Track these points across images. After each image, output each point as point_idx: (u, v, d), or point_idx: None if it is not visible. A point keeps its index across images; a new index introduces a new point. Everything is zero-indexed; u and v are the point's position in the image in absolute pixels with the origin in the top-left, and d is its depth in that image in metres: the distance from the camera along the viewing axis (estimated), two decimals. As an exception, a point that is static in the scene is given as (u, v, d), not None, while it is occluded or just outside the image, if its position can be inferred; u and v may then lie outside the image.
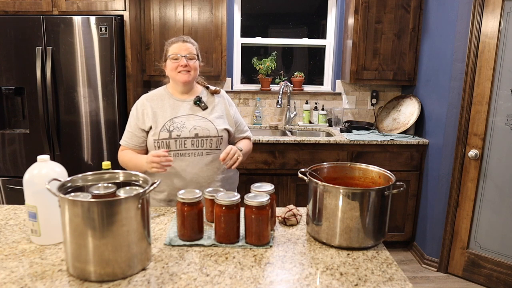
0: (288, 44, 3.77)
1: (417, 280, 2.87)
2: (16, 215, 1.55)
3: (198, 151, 1.77)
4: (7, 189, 2.93)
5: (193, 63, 1.79)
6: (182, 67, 1.76)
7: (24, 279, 1.10)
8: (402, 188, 1.36)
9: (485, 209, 2.73)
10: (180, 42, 1.79)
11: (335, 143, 3.03)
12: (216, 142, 1.79)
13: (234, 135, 1.93)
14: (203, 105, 1.84)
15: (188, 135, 1.76)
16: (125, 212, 1.09)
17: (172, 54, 1.78)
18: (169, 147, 1.75)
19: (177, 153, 1.76)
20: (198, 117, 1.81)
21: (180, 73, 1.78)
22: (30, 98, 2.81)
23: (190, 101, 1.85)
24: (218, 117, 1.84)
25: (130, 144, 1.83)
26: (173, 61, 1.78)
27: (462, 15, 2.68)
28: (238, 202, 1.31)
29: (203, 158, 1.78)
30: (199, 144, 1.77)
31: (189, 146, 1.76)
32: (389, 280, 1.15)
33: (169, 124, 1.77)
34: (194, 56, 1.80)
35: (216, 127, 1.80)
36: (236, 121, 1.92)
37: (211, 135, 1.78)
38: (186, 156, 1.76)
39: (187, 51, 1.78)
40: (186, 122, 1.78)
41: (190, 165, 1.76)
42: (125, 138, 1.84)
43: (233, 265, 1.20)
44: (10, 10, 2.81)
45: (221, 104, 1.90)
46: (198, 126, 1.77)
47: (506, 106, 2.57)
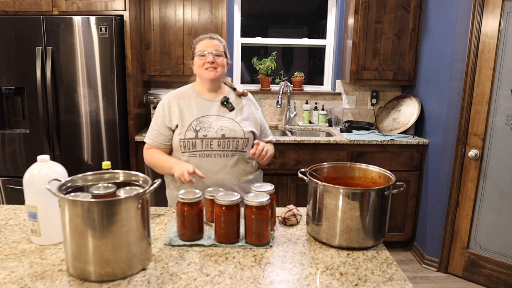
0: (288, 44, 3.77)
1: (417, 280, 2.87)
2: (16, 215, 1.55)
3: (224, 152, 1.75)
4: (7, 189, 2.93)
5: (220, 60, 1.76)
6: (208, 63, 1.74)
7: (24, 279, 1.10)
8: (402, 188, 1.36)
9: (485, 209, 2.73)
10: (207, 39, 1.77)
11: (335, 143, 3.03)
12: (242, 144, 1.77)
13: (258, 138, 1.90)
14: (230, 106, 1.81)
15: (214, 135, 1.73)
16: (125, 212, 1.09)
17: (199, 51, 1.75)
18: (195, 147, 1.73)
19: (203, 154, 1.74)
20: (225, 118, 1.78)
21: (207, 70, 1.75)
22: (30, 98, 2.81)
23: (217, 101, 1.81)
24: (244, 119, 1.82)
25: (155, 143, 1.80)
26: (200, 57, 1.75)
27: (462, 15, 2.68)
28: (238, 202, 1.31)
29: (229, 159, 1.75)
30: (225, 145, 1.74)
31: (215, 147, 1.73)
32: (389, 280, 1.15)
33: (196, 124, 1.74)
34: (221, 53, 1.77)
35: (243, 129, 1.77)
36: (261, 125, 1.90)
37: (238, 137, 1.76)
38: (212, 157, 1.74)
39: (214, 48, 1.75)
40: (213, 123, 1.75)
41: (216, 166, 1.74)
42: (151, 136, 1.81)
43: (233, 265, 1.20)
44: (10, 10, 2.81)
45: (247, 106, 1.87)
46: (225, 127, 1.75)
47: (506, 106, 2.57)
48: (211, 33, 1.83)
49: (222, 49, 1.79)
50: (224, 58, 1.79)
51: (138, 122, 3.11)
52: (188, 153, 1.74)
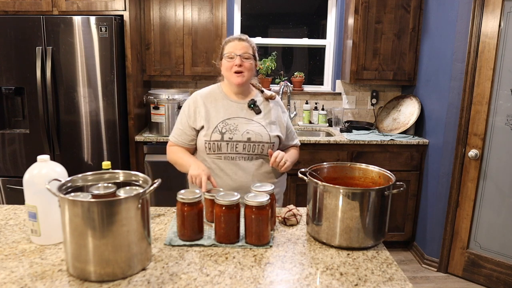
0: (288, 44, 3.77)
1: (417, 280, 2.87)
2: (16, 215, 1.55)
3: (249, 155, 1.73)
4: (7, 189, 2.93)
5: (248, 63, 1.73)
6: (236, 66, 1.71)
7: (24, 279, 1.10)
8: (402, 188, 1.36)
9: (485, 209, 2.73)
10: (236, 41, 1.73)
11: (335, 143, 3.03)
12: (268, 148, 1.75)
13: (284, 142, 1.88)
14: (257, 109, 1.79)
15: (240, 138, 1.72)
16: (125, 212, 1.09)
17: (227, 53, 1.72)
18: (221, 149, 1.72)
19: (228, 156, 1.72)
20: (252, 121, 1.76)
21: (234, 74, 1.72)
22: (30, 98, 2.81)
23: (244, 103, 1.79)
24: (271, 122, 1.79)
25: (179, 141, 1.80)
26: (228, 59, 1.72)
27: (462, 15, 2.68)
28: (238, 202, 1.31)
29: (254, 163, 1.74)
30: (250, 149, 1.73)
31: (240, 150, 1.72)
32: (389, 280, 1.15)
33: (222, 126, 1.73)
34: (250, 55, 1.73)
35: (269, 133, 1.75)
36: (287, 129, 1.88)
37: (264, 141, 1.74)
38: (237, 160, 1.73)
39: (242, 50, 1.71)
40: (239, 125, 1.74)
41: (240, 169, 1.73)
42: (175, 135, 1.81)
43: (233, 265, 1.20)
44: (10, 10, 2.81)
45: (275, 110, 1.84)
46: (251, 131, 1.73)
47: (506, 106, 2.57)
48: (242, 34, 1.79)
49: (251, 51, 1.75)
50: (252, 61, 1.75)
51: (138, 122, 3.11)
52: (214, 155, 1.73)
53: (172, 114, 3.02)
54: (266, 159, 1.77)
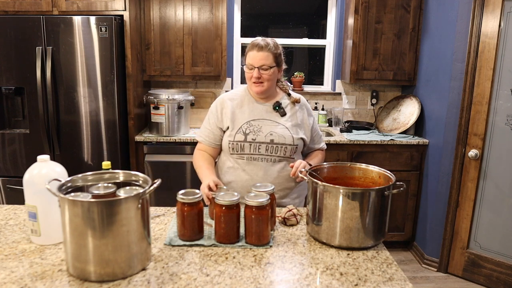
0: (288, 44, 3.77)
1: (417, 280, 2.87)
2: (16, 215, 1.55)
3: (271, 157, 1.74)
4: (7, 189, 2.93)
5: (267, 74, 1.71)
6: (255, 78, 1.71)
7: (24, 279, 1.10)
8: (402, 188, 1.36)
9: (485, 209, 2.73)
10: (255, 51, 1.71)
11: (335, 143, 3.03)
12: (291, 150, 1.75)
13: (309, 145, 1.88)
14: (282, 112, 1.79)
15: (263, 140, 1.73)
16: (125, 212, 1.09)
17: (247, 64, 1.73)
18: (243, 150, 1.73)
19: (250, 157, 1.74)
20: (276, 123, 1.77)
21: (254, 84, 1.73)
22: (30, 98, 2.80)
23: (270, 105, 1.80)
24: (295, 125, 1.79)
25: (206, 141, 1.83)
26: (248, 71, 1.74)
27: (462, 15, 2.67)
28: (238, 202, 1.31)
29: (276, 164, 1.75)
30: (273, 151, 1.74)
31: (263, 151, 1.73)
32: (389, 280, 1.15)
33: (246, 127, 1.74)
34: (269, 67, 1.71)
35: (292, 135, 1.76)
36: (313, 132, 1.88)
37: (287, 143, 1.74)
38: (259, 161, 1.74)
39: (261, 62, 1.70)
40: (263, 127, 1.75)
41: (262, 170, 1.74)
42: (202, 135, 1.84)
43: (233, 265, 1.20)
44: (10, 10, 2.81)
45: (300, 112, 1.84)
46: (274, 132, 1.74)
47: (506, 106, 2.57)
48: (262, 39, 1.75)
49: (270, 61, 1.71)
50: (273, 69, 1.73)
51: (138, 122, 3.11)
52: (236, 155, 1.75)
53: (172, 114, 3.02)
54: (289, 162, 1.76)
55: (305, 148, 1.88)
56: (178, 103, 3.01)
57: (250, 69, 1.73)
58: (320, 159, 1.90)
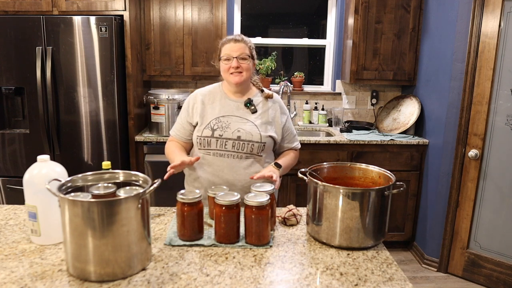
0: (288, 44, 3.77)
1: (417, 280, 2.87)
2: (16, 215, 1.55)
3: (238, 153, 1.74)
4: (7, 189, 2.93)
5: (246, 64, 1.74)
6: (233, 68, 1.72)
7: (24, 279, 1.10)
8: (402, 188, 1.36)
9: (485, 209, 2.73)
10: (232, 42, 1.74)
11: (335, 143, 3.03)
12: (258, 148, 1.75)
13: (281, 144, 1.88)
14: (252, 108, 1.80)
15: (230, 136, 1.73)
16: (125, 212, 1.09)
17: (224, 55, 1.74)
18: (210, 145, 1.74)
19: (216, 153, 1.74)
20: (245, 120, 1.77)
21: (232, 75, 1.74)
22: (30, 98, 2.80)
23: (241, 102, 1.80)
24: (265, 122, 1.79)
25: (177, 136, 1.85)
26: (225, 62, 1.74)
27: (462, 15, 2.67)
28: (238, 202, 1.31)
29: (242, 161, 1.75)
30: (239, 147, 1.74)
31: (229, 147, 1.73)
32: (389, 280, 1.15)
33: (215, 123, 1.75)
34: (246, 56, 1.74)
35: (260, 133, 1.75)
36: (285, 130, 1.87)
37: (254, 140, 1.74)
38: (225, 157, 1.74)
39: (238, 52, 1.72)
40: (232, 123, 1.75)
41: (228, 166, 1.74)
42: (174, 129, 1.87)
43: (233, 265, 1.20)
44: (10, 10, 2.81)
45: (273, 110, 1.83)
46: (242, 129, 1.74)
47: (506, 106, 2.57)
48: (238, 34, 1.79)
49: (248, 51, 1.75)
50: (250, 60, 1.76)
51: (138, 122, 3.11)
52: (204, 150, 1.76)
53: (172, 114, 3.02)
54: (256, 159, 1.77)
55: (277, 146, 1.87)
56: (178, 103, 3.01)
57: (228, 60, 1.74)
58: (290, 158, 1.88)
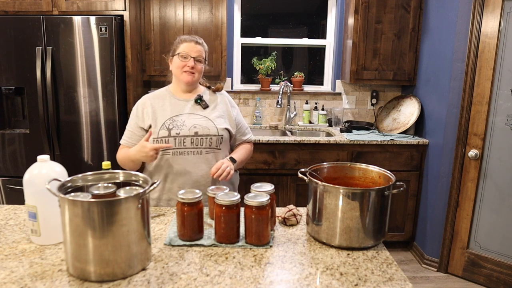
0: (288, 44, 3.77)
1: (417, 280, 2.87)
2: (16, 215, 1.55)
3: (197, 149, 1.76)
4: (7, 189, 2.93)
5: (200, 66, 1.79)
6: (188, 67, 1.76)
7: (24, 279, 1.10)
8: (402, 188, 1.36)
9: (485, 209, 2.73)
10: (193, 43, 1.78)
11: (335, 143, 3.03)
12: (216, 141, 1.78)
13: (235, 136, 1.92)
14: (203, 104, 1.83)
15: (187, 133, 1.75)
16: (125, 212, 1.09)
17: (182, 52, 1.76)
18: None
19: (176, 152, 1.75)
20: (199, 116, 1.80)
21: (185, 73, 1.77)
22: (30, 98, 2.81)
23: (191, 100, 1.84)
24: (218, 116, 1.83)
25: (129, 143, 1.82)
26: (181, 59, 1.76)
27: (462, 15, 2.67)
28: (238, 202, 1.31)
29: (202, 156, 1.77)
30: (198, 143, 1.76)
31: (188, 144, 1.75)
32: (389, 280, 1.15)
33: (169, 123, 1.76)
34: (202, 59, 1.80)
35: (216, 126, 1.79)
36: (237, 123, 1.91)
37: (211, 134, 1.77)
38: (186, 155, 1.75)
39: (197, 53, 1.77)
40: (186, 121, 1.77)
41: (190, 164, 1.75)
42: (125, 137, 1.84)
43: (233, 265, 1.20)
44: (10, 10, 2.81)
45: (222, 104, 1.89)
46: (198, 125, 1.77)
47: (506, 106, 2.57)
48: (197, 37, 1.83)
49: (204, 55, 1.81)
50: (203, 64, 1.82)
51: (138, 122, 3.11)
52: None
53: (172, 114, 3.02)
54: (215, 153, 1.79)
55: (232, 140, 1.90)
56: (178, 103, 3.01)
57: (185, 58, 1.76)
58: (245, 151, 1.92)
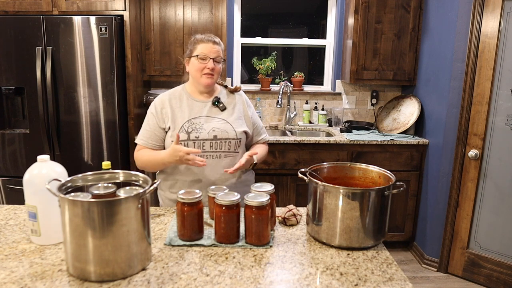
0: (288, 44, 3.77)
1: (417, 280, 2.87)
2: (16, 215, 1.55)
3: (216, 153, 1.73)
4: (7, 189, 2.93)
5: (219, 67, 1.75)
6: (208, 69, 1.71)
7: (24, 279, 1.10)
8: (402, 188, 1.36)
9: (485, 209, 2.73)
10: (210, 43, 1.73)
11: (335, 143, 3.03)
12: (235, 144, 1.76)
13: (252, 137, 1.88)
14: (221, 106, 1.79)
15: (206, 137, 1.72)
16: (125, 212, 1.09)
17: (201, 53, 1.72)
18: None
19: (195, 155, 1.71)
20: (217, 119, 1.76)
21: (205, 75, 1.73)
22: (30, 98, 2.81)
23: (209, 102, 1.80)
24: (237, 118, 1.80)
25: (148, 144, 1.77)
26: (200, 61, 1.72)
27: (462, 15, 2.67)
28: (238, 202, 1.31)
29: (221, 160, 1.74)
30: (217, 147, 1.73)
31: (207, 148, 1.72)
32: (389, 280, 1.15)
33: (188, 125, 1.73)
34: (221, 59, 1.75)
35: (235, 129, 1.76)
36: (253, 123, 1.88)
37: (230, 138, 1.74)
38: (205, 158, 1.71)
39: (216, 54, 1.72)
40: (205, 124, 1.74)
41: (208, 167, 1.72)
42: (143, 137, 1.78)
43: (233, 265, 1.20)
44: (10, 10, 2.81)
45: (239, 104, 1.85)
46: (216, 128, 1.73)
47: (506, 106, 2.57)
48: (213, 35, 1.78)
49: (222, 55, 1.77)
50: (222, 64, 1.78)
51: (138, 122, 3.11)
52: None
53: (172, 114, 3.02)
54: (234, 156, 1.77)
55: (248, 140, 1.87)
56: (178, 103, 3.01)
57: (204, 59, 1.72)
58: (262, 151, 1.88)
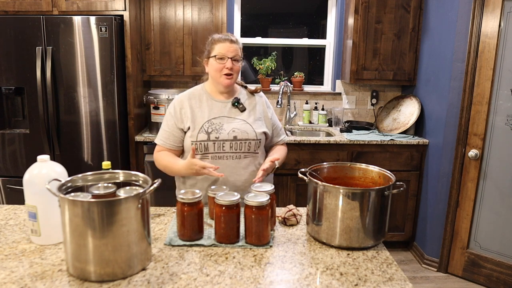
0: (288, 44, 3.77)
1: (417, 280, 2.87)
2: (16, 215, 1.55)
3: (236, 154, 1.72)
4: (7, 189, 2.93)
5: (238, 66, 1.73)
6: (227, 69, 1.70)
7: (24, 279, 1.10)
8: (402, 188, 1.36)
9: (485, 209, 2.73)
10: (227, 42, 1.71)
11: (335, 143, 3.03)
12: (255, 145, 1.75)
13: (271, 138, 1.87)
14: (241, 107, 1.78)
15: (226, 137, 1.71)
16: (125, 212, 1.09)
17: (219, 53, 1.70)
18: (207, 149, 1.71)
19: (215, 156, 1.71)
20: (237, 120, 1.75)
21: (224, 76, 1.71)
22: (30, 98, 2.80)
23: (229, 102, 1.78)
24: (256, 119, 1.78)
25: (167, 144, 1.77)
26: (218, 61, 1.70)
27: (462, 15, 2.67)
28: (238, 202, 1.31)
29: (241, 161, 1.73)
30: (237, 147, 1.72)
31: (227, 149, 1.71)
32: (389, 280, 1.15)
33: (208, 126, 1.72)
34: (239, 58, 1.74)
35: (254, 130, 1.75)
36: (273, 124, 1.87)
37: (250, 138, 1.73)
38: (224, 159, 1.72)
39: (234, 53, 1.70)
40: (225, 124, 1.73)
41: (228, 168, 1.71)
42: (162, 138, 1.79)
43: (233, 265, 1.20)
44: (10, 10, 2.81)
45: (259, 105, 1.83)
46: (236, 129, 1.73)
47: (506, 106, 2.57)
48: (230, 34, 1.76)
49: (240, 53, 1.75)
50: (241, 62, 1.76)
51: (138, 122, 3.11)
52: (200, 155, 1.72)
53: (172, 114, 3.02)
54: (253, 157, 1.76)
55: (267, 141, 1.86)
56: (178, 103, 3.01)
57: (222, 59, 1.70)
58: (282, 153, 1.87)
